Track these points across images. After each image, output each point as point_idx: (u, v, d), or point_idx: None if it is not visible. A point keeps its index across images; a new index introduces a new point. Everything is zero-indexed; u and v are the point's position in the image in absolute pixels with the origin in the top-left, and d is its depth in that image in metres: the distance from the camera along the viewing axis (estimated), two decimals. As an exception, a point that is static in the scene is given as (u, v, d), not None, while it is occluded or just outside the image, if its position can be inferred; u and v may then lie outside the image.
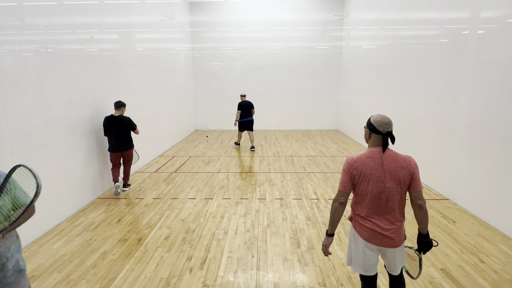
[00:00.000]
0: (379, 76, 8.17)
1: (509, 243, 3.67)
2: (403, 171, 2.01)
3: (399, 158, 2.04)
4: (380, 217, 2.07)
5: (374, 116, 2.12)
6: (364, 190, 2.06)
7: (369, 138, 2.13)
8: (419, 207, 2.05)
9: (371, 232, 2.08)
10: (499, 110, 4.00)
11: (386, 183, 2.01)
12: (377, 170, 2.02)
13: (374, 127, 2.07)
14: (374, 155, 2.05)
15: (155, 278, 3.07)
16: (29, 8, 3.79)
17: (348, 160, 2.11)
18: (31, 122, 3.74)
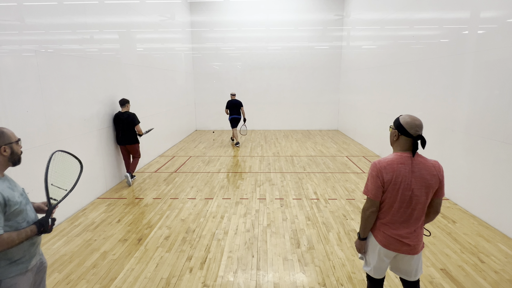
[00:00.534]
0: (379, 76, 8.17)
1: (509, 243, 3.67)
2: (433, 179, 1.91)
3: (429, 164, 1.93)
4: (402, 225, 1.99)
5: (403, 116, 1.95)
6: (391, 197, 1.95)
7: (396, 141, 1.98)
8: (435, 213, 2.03)
9: (390, 239, 2.01)
10: (499, 110, 4.00)
11: (415, 191, 1.91)
12: (408, 177, 1.90)
13: (404, 129, 1.91)
14: (405, 160, 1.91)
15: (155, 278, 3.07)
16: (29, 8, 3.79)
17: (377, 165, 1.95)
18: (31, 122, 3.74)
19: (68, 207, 4.48)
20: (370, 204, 2.01)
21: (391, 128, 2.03)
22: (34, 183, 3.80)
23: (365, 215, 2.04)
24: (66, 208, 4.43)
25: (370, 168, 2.00)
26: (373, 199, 1.98)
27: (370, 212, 2.02)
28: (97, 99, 5.23)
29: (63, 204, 4.34)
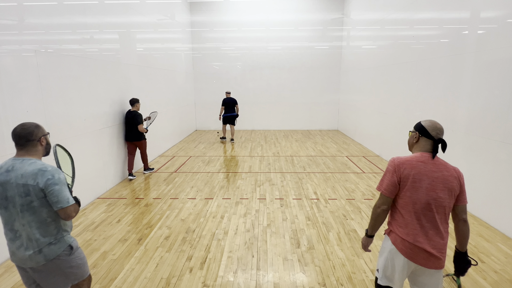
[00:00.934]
0: (379, 76, 8.17)
1: (509, 243, 3.67)
2: (455, 181, 1.81)
3: (450, 167, 1.84)
4: (427, 232, 1.81)
5: (424, 120, 1.92)
6: (411, 197, 1.81)
7: (415, 143, 1.92)
8: (464, 222, 1.88)
9: (416, 249, 1.82)
10: (499, 110, 4.00)
11: (439, 192, 1.78)
12: (429, 176, 1.79)
13: (426, 131, 1.86)
14: (425, 159, 1.83)
15: (155, 278, 3.07)
16: (29, 8, 3.79)
17: (395, 160, 1.88)
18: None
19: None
20: (382, 201, 1.90)
21: (411, 132, 1.97)
22: (34, 183, 3.80)
23: (376, 212, 1.93)
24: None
25: (388, 164, 1.92)
26: (386, 195, 1.88)
27: (381, 210, 1.90)
28: (97, 99, 5.23)
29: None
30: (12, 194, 1.87)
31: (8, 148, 3.41)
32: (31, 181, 1.86)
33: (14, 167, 1.90)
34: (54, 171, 1.92)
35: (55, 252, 1.97)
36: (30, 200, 1.86)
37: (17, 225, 1.90)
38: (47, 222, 1.94)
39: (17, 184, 1.86)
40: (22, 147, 1.95)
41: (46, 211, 1.92)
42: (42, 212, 1.91)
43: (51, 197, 1.88)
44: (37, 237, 1.92)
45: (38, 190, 1.86)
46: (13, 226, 1.91)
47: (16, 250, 1.93)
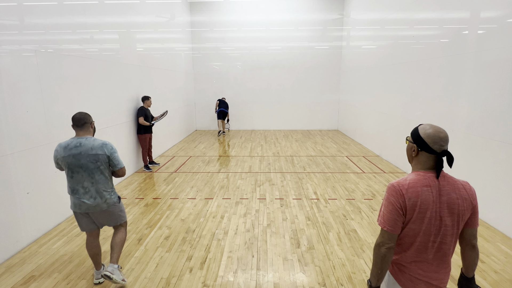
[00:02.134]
0: (379, 76, 8.17)
1: (509, 243, 3.67)
2: (464, 203, 1.52)
3: (459, 185, 1.54)
4: (430, 263, 1.58)
5: (423, 126, 1.56)
6: (415, 229, 1.54)
7: (415, 157, 1.60)
8: (472, 247, 1.62)
9: (416, 281, 1.60)
10: (499, 110, 4.00)
11: (444, 220, 1.51)
12: (435, 203, 1.50)
13: (425, 144, 1.52)
14: (430, 182, 1.52)
15: (155, 278, 3.07)
16: (29, 8, 3.79)
17: (395, 187, 1.54)
18: (31, 122, 3.74)
19: (68, 207, 4.47)
20: (386, 238, 1.54)
21: (407, 141, 1.64)
22: (34, 183, 3.80)
23: (380, 253, 1.55)
24: (66, 208, 4.43)
25: (387, 192, 1.58)
26: (390, 232, 1.53)
27: (385, 249, 1.54)
28: (97, 99, 5.23)
29: (63, 204, 4.36)
30: (84, 162, 2.63)
31: (8, 148, 3.41)
32: (100, 151, 2.66)
33: (82, 143, 2.64)
34: (111, 144, 2.75)
35: (113, 200, 2.84)
36: (99, 165, 2.68)
37: (86, 183, 2.68)
38: (108, 179, 2.79)
39: (88, 155, 2.63)
40: (81, 128, 2.69)
41: (107, 172, 2.77)
42: (105, 173, 2.75)
43: (114, 161, 2.74)
44: (102, 190, 2.75)
45: (105, 157, 2.69)
46: (83, 185, 2.69)
47: (86, 201, 2.71)
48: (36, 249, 3.60)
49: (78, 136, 2.69)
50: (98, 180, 2.71)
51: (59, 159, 2.66)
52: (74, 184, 2.70)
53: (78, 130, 2.69)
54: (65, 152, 2.62)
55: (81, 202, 2.71)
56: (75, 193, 2.71)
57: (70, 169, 2.66)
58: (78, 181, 2.69)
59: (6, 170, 3.38)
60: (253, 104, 12.54)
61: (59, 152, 2.64)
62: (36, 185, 3.83)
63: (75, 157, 2.61)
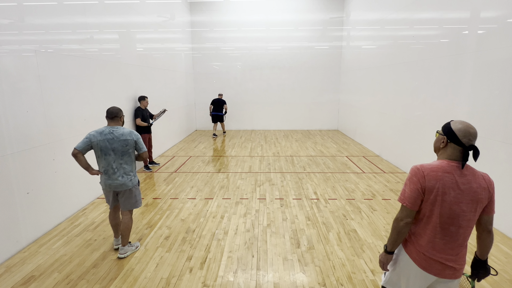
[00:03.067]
0: (379, 76, 8.17)
1: (509, 243, 3.67)
2: (483, 193, 1.66)
3: (478, 175, 1.69)
4: (445, 245, 1.71)
5: (456, 122, 1.70)
6: (433, 210, 1.69)
7: (442, 148, 1.73)
8: (488, 232, 1.77)
9: (431, 261, 1.73)
10: (499, 110, 4.00)
11: (463, 206, 1.65)
12: (454, 189, 1.65)
13: (455, 137, 1.66)
14: (452, 170, 1.66)
15: (155, 278, 3.07)
16: (29, 8, 3.79)
17: (419, 169, 1.71)
18: (31, 122, 3.74)
19: (68, 207, 4.48)
20: (405, 214, 1.73)
21: (437, 134, 1.79)
22: (34, 183, 3.80)
23: (398, 226, 1.76)
24: (66, 208, 4.43)
25: (410, 173, 1.74)
26: (410, 208, 1.72)
27: (404, 223, 1.74)
28: (97, 99, 5.23)
29: (63, 204, 4.36)
30: (116, 146, 3.17)
31: (8, 148, 3.41)
32: (129, 137, 3.20)
33: (113, 131, 3.19)
34: (136, 132, 3.29)
35: (135, 181, 3.36)
36: (127, 148, 3.21)
37: (115, 165, 3.20)
38: (133, 161, 3.32)
39: (119, 140, 3.17)
40: (112, 119, 3.25)
41: (133, 155, 3.30)
42: (132, 155, 3.28)
43: (139, 145, 3.26)
44: (129, 171, 3.29)
45: (133, 142, 3.22)
46: (113, 166, 3.20)
47: (115, 180, 3.23)
48: (36, 249, 3.60)
49: (109, 125, 3.24)
50: (126, 161, 3.25)
51: (93, 142, 3.14)
52: (106, 165, 3.22)
53: (109, 121, 3.25)
54: (100, 137, 3.14)
55: (111, 182, 3.24)
56: (106, 173, 3.25)
57: (103, 151, 3.17)
58: (108, 162, 3.20)
59: (6, 170, 3.38)
60: (253, 104, 12.54)
61: (95, 137, 3.14)
62: (36, 185, 3.83)
63: (109, 142, 3.15)
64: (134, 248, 3.54)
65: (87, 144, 3.15)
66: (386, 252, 1.88)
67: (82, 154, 3.16)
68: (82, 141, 3.14)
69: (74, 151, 3.12)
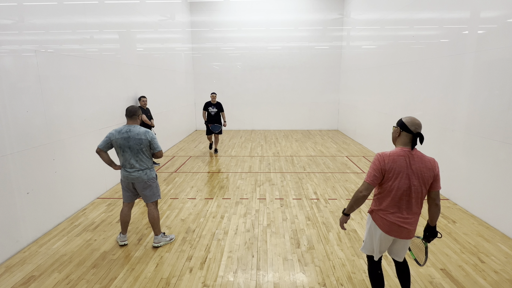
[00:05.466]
0: (379, 76, 8.17)
1: (509, 243, 3.67)
2: (428, 172, 2.14)
3: (426, 159, 2.17)
4: (401, 212, 2.21)
5: (405, 117, 2.24)
6: (391, 185, 2.17)
7: (398, 137, 2.25)
8: (435, 205, 2.24)
9: (391, 226, 2.23)
10: (499, 110, 4.00)
11: (413, 181, 2.14)
12: (406, 168, 2.14)
13: (406, 126, 2.18)
14: (404, 153, 2.16)
15: (155, 278, 3.07)
16: (29, 8, 3.79)
17: (379, 155, 2.20)
18: (31, 122, 3.74)
19: (68, 207, 4.48)
20: (364, 187, 2.20)
21: (394, 127, 2.29)
22: (34, 183, 3.80)
23: (357, 196, 2.23)
24: (66, 208, 4.43)
25: (374, 158, 2.22)
26: (369, 183, 2.19)
27: (362, 195, 2.20)
28: (97, 99, 5.23)
29: (63, 204, 4.36)
30: (132, 144, 3.35)
31: (8, 148, 3.41)
32: (143, 137, 3.37)
33: (131, 129, 3.37)
34: (152, 132, 3.45)
35: (151, 175, 3.55)
36: (142, 147, 3.38)
37: (132, 161, 3.40)
38: (148, 158, 3.49)
39: (135, 139, 3.34)
40: (130, 118, 3.42)
41: (148, 152, 3.46)
42: (147, 152, 3.45)
43: (153, 145, 3.42)
44: (145, 166, 3.46)
45: (147, 141, 3.39)
46: (130, 161, 3.40)
47: (132, 173, 3.43)
48: (36, 249, 3.60)
49: (128, 124, 3.42)
50: (141, 158, 3.42)
51: (112, 140, 3.36)
52: (123, 161, 3.44)
53: (128, 119, 3.43)
54: (118, 135, 3.34)
55: (128, 174, 3.45)
56: (124, 167, 3.47)
57: (121, 148, 3.38)
58: (126, 158, 3.41)
59: (6, 170, 3.38)
60: (253, 104, 12.53)
61: (113, 135, 3.36)
62: (36, 185, 3.83)
63: (126, 140, 3.34)
64: (168, 239, 3.73)
65: (107, 143, 3.40)
66: (344, 214, 2.40)
67: (105, 152, 3.45)
68: (103, 140, 3.42)
69: (96, 150, 3.44)
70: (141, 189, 3.54)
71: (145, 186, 3.52)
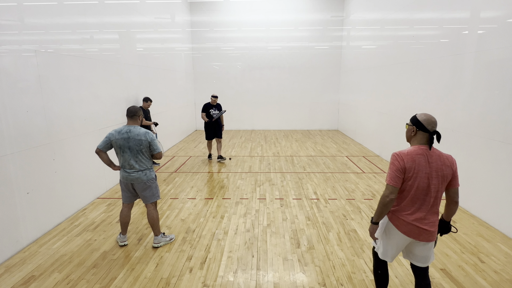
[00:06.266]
0: (379, 76, 8.17)
1: (509, 243, 3.67)
2: (447, 169, 2.09)
3: (444, 156, 2.12)
4: (421, 212, 2.13)
5: (420, 114, 2.16)
6: (411, 185, 2.11)
7: (413, 136, 2.18)
8: (455, 203, 2.17)
9: (410, 226, 2.15)
10: (499, 110, 4.00)
11: (432, 180, 2.09)
12: (425, 167, 2.09)
13: (422, 125, 2.12)
14: (423, 152, 2.11)
15: (155, 278, 3.07)
16: (29, 8, 3.79)
17: (397, 155, 2.14)
18: (31, 122, 3.74)
19: (68, 207, 4.48)
20: (390, 191, 2.12)
21: (407, 125, 2.21)
22: (34, 183, 3.80)
23: (385, 201, 2.13)
24: (66, 208, 4.43)
25: (391, 158, 2.17)
26: (393, 186, 2.11)
27: (389, 199, 2.12)
28: (97, 99, 5.23)
29: (63, 204, 4.36)
30: (131, 145, 3.33)
31: (8, 148, 3.41)
32: (143, 138, 3.35)
33: (131, 130, 3.35)
34: (152, 133, 3.42)
35: (151, 175, 3.52)
36: (141, 147, 3.37)
37: (132, 161, 3.38)
38: (148, 159, 3.48)
39: (134, 139, 3.33)
40: (131, 118, 3.41)
41: (147, 153, 3.45)
42: (146, 153, 3.44)
43: (153, 146, 3.41)
44: (144, 167, 3.44)
45: (147, 142, 3.37)
46: (130, 162, 3.39)
47: (131, 174, 3.41)
48: (36, 249, 3.60)
49: (128, 125, 3.42)
50: (141, 159, 3.41)
51: (112, 140, 3.35)
52: (123, 161, 3.43)
53: (129, 120, 3.43)
54: (118, 136, 3.33)
55: (127, 175, 3.44)
56: (124, 168, 3.45)
57: (121, 149, 3.37)
58: (125, 159, 3.40)
59: (6, 170, 3.38)
60: (253, 104, 12.53)
61: (113, 135, 3.35)
62: (36, 185, 3.83)
63: (125, 140, 3.33)
64: (168, 239, 3.73)
65: (107, 143, 3.39)
66: (372, 223, 2.28)
67: (104, 152, 3.44)
68: (102, 141, 3.40)
69: (96, 150, 3.42)
70: (141, 190, 3.52)
71: (144, 187, 3.50)
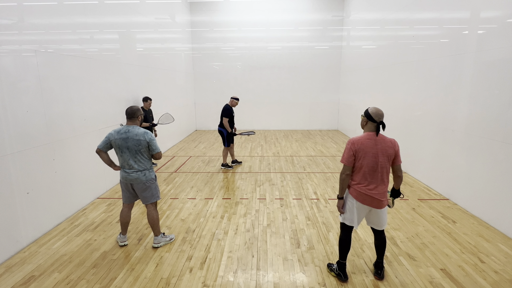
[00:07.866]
0: (379, 76, 8.17)
1: (509, 243, 3.67)
2: (390, 150, 2.72)
3: (387, 140, 2.75)
4: (371, 184, 2.74)
5: (370, 108, 2.76)
6: (362, 163, 2.72)
7: (365, 125, 2.78)
8: (398, 176, 2.85)
9: (364, 196, 2.76)
10: (499, 110, 4.00)
11: (379, 158, 2.70)
12: (373, 148, 2.69)
13: (371, 117, 2.72)
14: (371, 137, 2.71)
15: (155, 278, 3.07)
16: (29, 8, 3.79)
17: (351, 140, 2.76)
18: (31, 122, 3.74)
19: (68, 207, 4.48)
20: (344, 169, 2.79)
21: (362, 116, 2.80)
22: (34, 183, 3.80)
23: (341, 178, 2.81)
24: (66, 208, 4.43)
25: (347, 143, 2.78)
26: (347, 165, 2.76)
27: (345, 175, 2.79)
28: (97, 99, 5.23)
29: (63, 204, 4.36)
30: (130, 145, 3.33)
31: (8, 148, 3.41)
32: (142, 138, 3.35)
33: (130, 130, 3.35)
34: (151, 133, 3.43)
35: (150, 176, 3.51)
36: (140, 147, 3.36)
37: (131, 162, 3.38)
38: (147, 159, 3.47)
39: (133, 139, 3.33)
40: (131, 119, 3.41)
41: (146, 153, 3.45)
42: (145, 154, 3.43)
43: (152, 146, 3.40)
44: (143, 167, 3.44)
45: (145, 142, 3.37)
46: (129, 162, 3.38)
47: (131, 174, 3.41)
48: (36, 249, 3.60)
49: (127, 125, 3.42)
50: (140, 159, 3.41)
51: (112, 140, 3.36)
52: (122, 161, 3.43)
53: (128, 120, 3.43)
54: (117, 136, 3.34)
55: (127, 175, 3.44)
56: (123, 168, 3.46)
57: (120, 149, 3.37)
58: (124, 159, 3.40)
59: (6, 170, 3.38)
60: (253, 104, 12.53)
61: (113, 135, 3.36)
62: (36, 185, 3.83)
63: (124, 140, 3.33)
64: (168, 239, 3.74)
65: (107, 143, 3.41)
66: (339, 198, 2.91)
67: (105, 152, 3.45)
68: (102, 140, 3.42)
69: (96, 150, 3.44)
70: (140, 190, 3.51)
71: (143, 187, 3.49)
